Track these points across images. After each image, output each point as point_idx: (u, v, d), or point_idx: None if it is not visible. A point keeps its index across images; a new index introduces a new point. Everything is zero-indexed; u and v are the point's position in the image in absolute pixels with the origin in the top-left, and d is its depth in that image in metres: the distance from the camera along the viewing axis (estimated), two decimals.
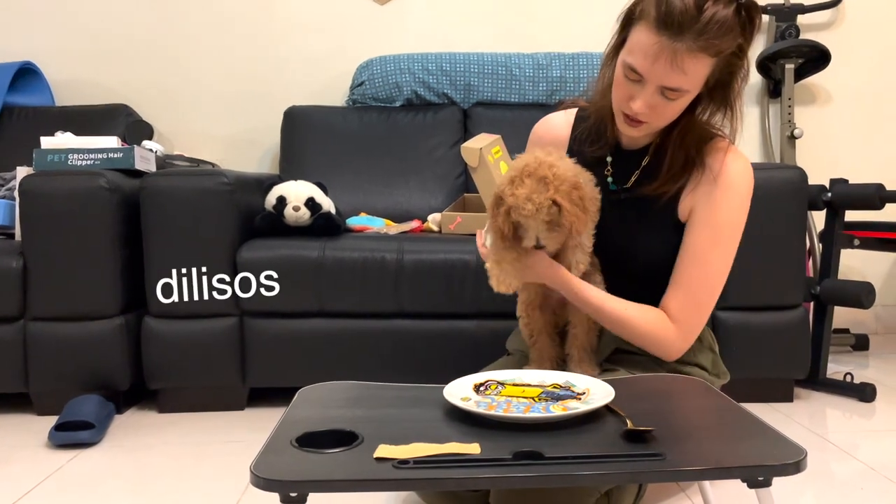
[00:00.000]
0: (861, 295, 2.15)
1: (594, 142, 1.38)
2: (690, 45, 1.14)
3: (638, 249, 1.35)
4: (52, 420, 1.96)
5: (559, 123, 1.46)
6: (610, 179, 1.38)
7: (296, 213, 2.15)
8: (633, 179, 1.36)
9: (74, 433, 1.84)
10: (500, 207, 1.25)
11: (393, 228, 2.39)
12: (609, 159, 1.38)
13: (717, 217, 1.29)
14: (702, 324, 1.33)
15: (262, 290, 2.04)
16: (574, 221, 1.21)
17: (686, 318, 1.30)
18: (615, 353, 1.40)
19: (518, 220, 1.24)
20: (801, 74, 2.90)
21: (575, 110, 1.46)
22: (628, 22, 1.23)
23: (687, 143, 1.30)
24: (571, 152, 1.42)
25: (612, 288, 1.35)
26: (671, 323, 1.30)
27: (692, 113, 1.29)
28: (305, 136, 2.76)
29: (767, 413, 2.05)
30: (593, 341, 1.37)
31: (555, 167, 1.22)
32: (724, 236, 1.30)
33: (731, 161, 1.30)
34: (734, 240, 1.31)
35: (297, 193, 2.16)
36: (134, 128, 2.72)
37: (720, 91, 1.26)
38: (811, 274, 2.65)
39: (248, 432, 1.95)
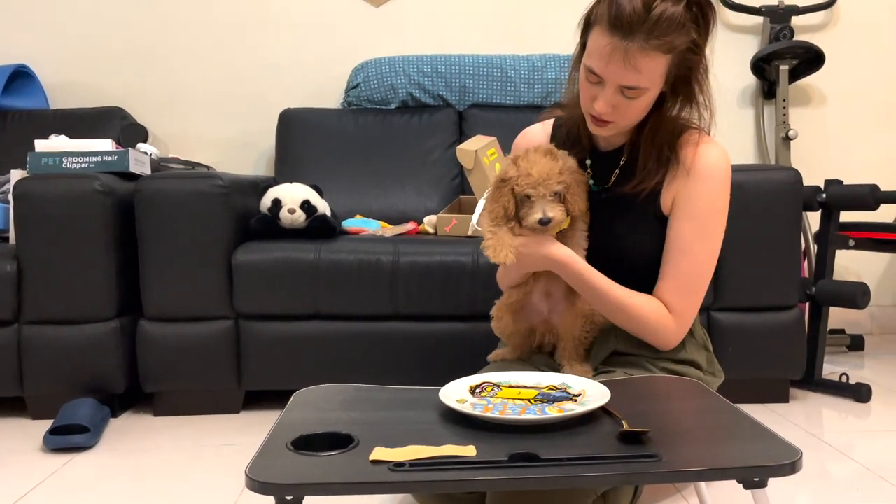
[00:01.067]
0: (856, 295, 2.16)
1: (572, 146, 1.40)
2: (642, 44, 1.17)
3: (626, 246, 1.37)
4: (46, 424, 1.95)
5: (537, 135, 1.49)
6: (591, 181, 1.40)
7: (291, 215, 2.14)
8: (612, 179, 1.38)
9: (69, 437, 1.83)
10: (503, 187, 1.29)
11: (389, 230, 2.39)
12: (588, 162, 1.41)
13: (697, 207, 1.31)
14: (696, 310, 1.35)
15: (258, 293, 2.03)
16: (576, 202, 1.27)
17: (682, 308, 1.32)
18: (612, 356, 1.40)
19: (525, 193, 1.26)
20: (795, 76, 2.91)
21: (552, 120, 1.49)
22: (587, 27, 1.27)
23: (658, 140, 1.32)
24: None
25: None
26: (666, 313, 1.32)
27: (661, 109, 1.31)
28: (301, 138, 2.76)
29: (763, 414, 2.05)
30: (584, 345, 1.39)
31: (557, 150, 1.30)
32: (707, 225, 1.31)
33: (704, 151, 1.32)
34: (719, 225, 1.33)
35: (292, 196, 2.16)
36: (128, 131, 2.71)
37: (682, 87, 1.28)
38: (806, 275, 2.66)
39: (244, 435, 1.95)
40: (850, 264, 3.07)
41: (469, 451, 0.87)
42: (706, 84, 1.29)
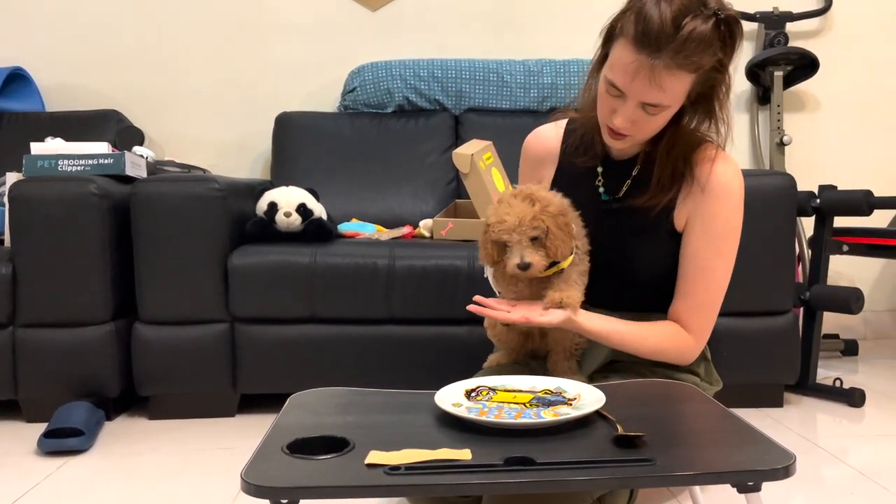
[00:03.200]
0: (850, 300, 2.16)
1: (584, 153, 1.39)
2: (668, 63, 1.14)
3: (634, 258, 1.35)
4: (41, 427, 1.95)
5: (549, 136, 1.47)
6: (602, 190, 1.38)
7: (287, 218, 2.14)
8: (624, 189, 1.36)
9: (64, 440, 1.83)
10: (484, 234, 1.29)
11: (384, 234, 2.39)
12: (600, 170, 1.39)
13: (715, 226, 1.30)
14: (712, 325, 1.35)
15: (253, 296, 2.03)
16: (559, 245, 1.23)
17: (699, 325, 1.33)
18: (609, 364, 1.40)
19: (500, 239, 1.25)
20: (789, 82, 2.92)
21: (564, 122, 1.46)
22: (610, 37, 1.24)
23: (674, 155, 1.30)
24: (562, 164, 1.43)
25: (612, 296, 1.36)
26: (686, 332, 1.32)
27: (678, 124, 1.29)
28: (297, 141, 2.76)
29: (758, 418, 2.06)
30: (575, 356, 1.38)
31: (541, 192, 1.26)
32: (724, 243, 1.31)
33: (721, 168, 1.30)
34: (734, 243, 1.33)
35: (288, 199, 2.16)
36: (124, 133, 2.71)
37: (703, 104, 1.27)
38: (800, 280, 2.67)
39: (239, 439, 1.94)
40: (844, 269, 3.08)
41: (464, 454, 0.87)
42: (727, 102, 1.27)
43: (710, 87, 1.23)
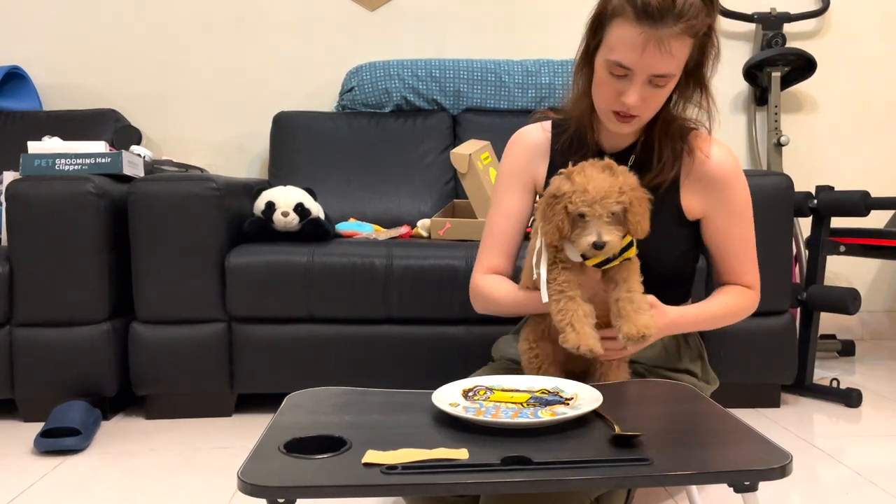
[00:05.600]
0: (847, 301, 2.17)
1: (577, 150, 1.38)
2: (674, 30, 1.18)
3: (642, 250, 1.35)
4: (37, 427, 1.94)
5: (537, 135, 1.46)
6: None
7: (285, 218, 2.14)
8: None
9: (60, 440, 1.82)
10: (555, 205, 1.16)
11: (382, 234, 2.39)
12: None
13: (735, 206, 1.37)
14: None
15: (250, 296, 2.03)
16: (639, 221, 1.16)
17: (754, 278, 1.42)
18: None
19: (579, 212, 1.13)
20: (787, 82, 2.93)
21: (549, 122, 1.46)
22: (600, 24, 1.26)
23: (672, 132, 1.34)
24: (553, 162, 1.42)
25: None
26: (751, 290, 1.41)
27: (668, 106, 1.33)
28: (295, 141, 2.76)
29: (754, 418, 2.06)
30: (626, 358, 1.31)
31: (616, 165, 1.18)
32: (746, 212, 1.39)
33: (719, 155, 1.35)
34: (751, 206, 1.40)
35: (286, 199, 2.16)
36: (122, 133, 2.71)
37: (696, 73, 1.30)
38: (798, 280, 2.67)
39: (236, 439, 1.94)
40: (841, 270, 3.08)
41: (461, 454, 0.87)
42: (715, 69, 1.31)
43: (702, 53, 1.27)
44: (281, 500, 0.81)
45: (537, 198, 1.43)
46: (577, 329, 1.13)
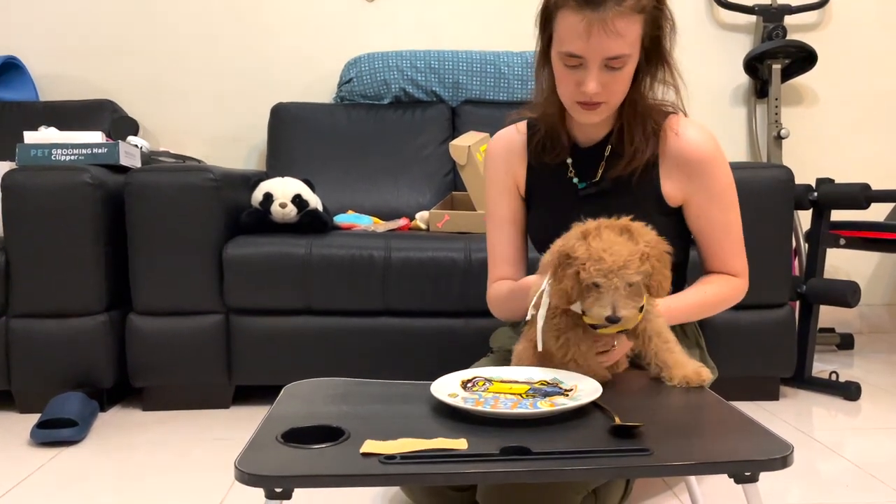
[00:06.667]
0: (847, 294, 2.16)
1: (551, 150, 1.40)
2: (617, 9, 1.18)
3: None
4: (34, 418, 1.94)
5: (513, 137, 1.47)
6: (576, 180, 1.39)
7: (282, 209, 2.13)
8: (600, 172, 1.37)
9: (57, 431, 1.82)
10: (567, 268, 1.05)
11: (381, 226, 2.38)
12: (569, 161, 1.40)
13: (716, 189, 1.35)
14: (746, 257, 1.41)
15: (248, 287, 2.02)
16: (661, 282, 1.06)
17: (740, 266, 1.39)
18: None
19: (593, 282, 1.03)
20: (787, 75, 2.92)
21: (525, 122, 1.47)
22: (548, 19, 1.30)
23: (643, 112, 1.33)
24: (531, 164, 1.43)
25: None
26: (737, 278, 1.39)
27: (636, 83, 1.31)
28: (293, 133, 2.75)
29: (754, 411, 2.06)
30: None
31: (635, 224, 1.07)
32: (729, 195, 1.37)
33: (694, 137, 1.33)
34: (734, 188, 1.38)
35: (283, 190, 2.15)
36: (119, 123, 2.69)
37: (655, 49, 1.29)
38: (797, 273, 2.67)
39: (234, 430, 1.94)
40: (841, 263, 3.08)
41: (460, 444, 0.87)
42: (674, 43, 1.30)
43: (657, 27, 1.27)
44: (278, 490, 0.81)
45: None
46: (581, 363, 1.12)
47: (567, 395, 1.02)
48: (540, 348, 1.12)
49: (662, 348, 1.12)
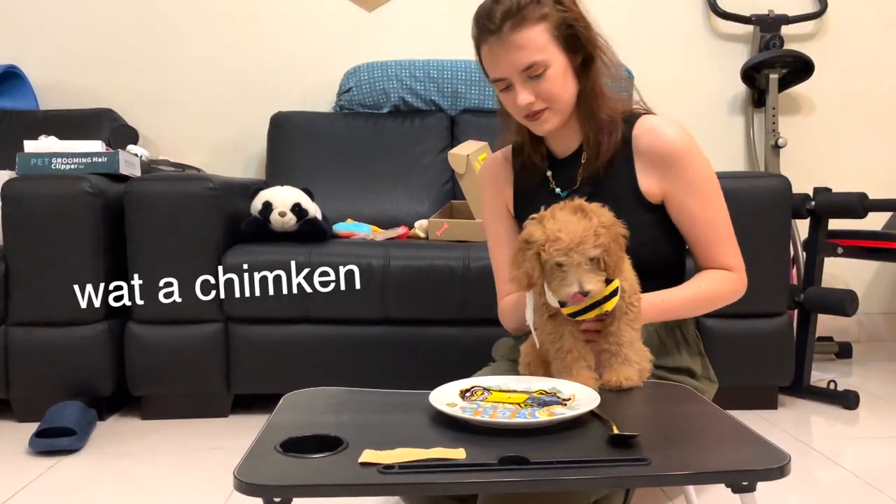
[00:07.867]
0: (845, 303, 2.17)
1: (531, 168, 1.44)
2: (508, 31, 1.25)
3: None
4: (32, 427, 1.93)
5: (499, 161, 1.51)
6: (558, 190, 1.41)
7: (282, 218, 2.14)
8: (579, 179, 1.39)
9: (55, 440, 1.82)
10: (526, 250, 1.10)
11: (380, 235, 2.38)
12: (549, 173, 1.42)
13: (696, 183, 1.35)
14: (739, 249, 1.40)
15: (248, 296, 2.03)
16: (616, 261, 1.10)
17: (734, 260, 1.38)
18: None
19: (555, 261, 1.06)
20: (785, 84, 2.93)
21: (510, 147, 1.51)
22: (478, 58, 1.34)
23: (599, 104, 1.35)
24: (517, 183, 1.47)
25: None
26: (732, 273, 1.38)
27: (587, 82, 1.33)
28: (292, 141, 2.76)
29: (752, 420, 2.06)
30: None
31: (588, 204, 1.11)
32: (709, 188, 1.37)
33: (667, 133, 1.34)
34: (715, 180, 1.38)
35: (283, 199, 2.16)
36: (118, 132, 2.70)
37: (575, 44, 1.30)
38: (795, 282, 2.67)
39: (233, 439, 1.94)
40: (839, 272, 3.08)
41: (459, 454, 0.87)
42: (594, 34, 1.32)
43: (568, 26, 1.29)
44: (277, 500, 0.81)
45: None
46: (574, 374, 1.14)
47: (565, 405, 1.02)
48: (538, 346, 1.19)
49: (613, 350, 1.15)
